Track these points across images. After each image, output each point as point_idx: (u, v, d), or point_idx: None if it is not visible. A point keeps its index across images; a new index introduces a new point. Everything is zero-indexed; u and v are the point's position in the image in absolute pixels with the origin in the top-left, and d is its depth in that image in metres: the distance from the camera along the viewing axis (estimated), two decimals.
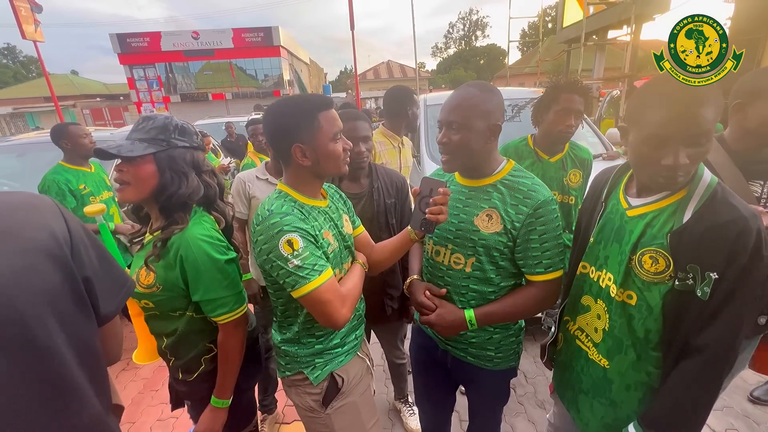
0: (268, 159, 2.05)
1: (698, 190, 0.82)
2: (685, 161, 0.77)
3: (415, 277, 1.26)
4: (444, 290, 1.16)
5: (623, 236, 0.92)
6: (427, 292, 1.16)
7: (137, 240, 1.16)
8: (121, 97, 27.19)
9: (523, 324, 1.26)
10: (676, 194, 0.85)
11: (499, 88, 1.16)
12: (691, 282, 0.79)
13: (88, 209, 1.28)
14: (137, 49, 21.46)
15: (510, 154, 1.86)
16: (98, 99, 27.89)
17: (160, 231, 1.04)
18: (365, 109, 8.28)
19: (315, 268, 0.95)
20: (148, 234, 1.12)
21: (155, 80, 22.21)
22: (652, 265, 0.85)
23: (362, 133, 1.55)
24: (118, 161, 1.01)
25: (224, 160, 4.48)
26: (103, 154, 0.98)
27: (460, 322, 1.09)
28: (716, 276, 0.76)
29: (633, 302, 0.89)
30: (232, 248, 1.13)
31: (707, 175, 0.83)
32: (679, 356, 0.84)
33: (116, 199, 2.67)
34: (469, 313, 1.08)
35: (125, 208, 2.77)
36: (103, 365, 0.69)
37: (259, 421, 2.02)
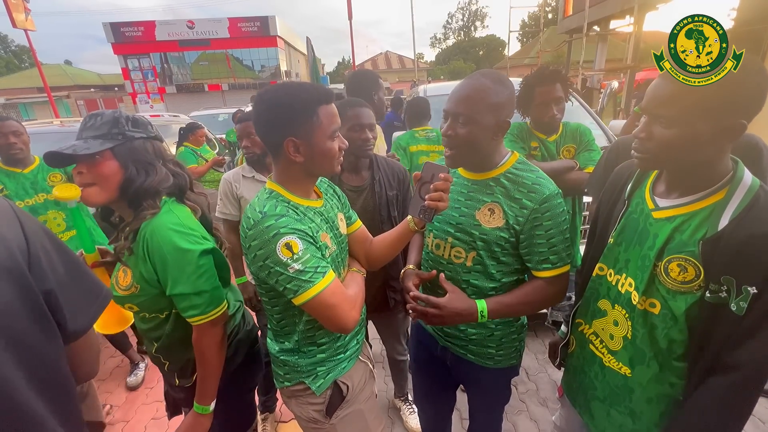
0: None
1: (737, 194, 0.75)
2: None
3: (410, 267, 1.21)
4: (434, 272, 1.09)
5: (647, 240, 0.85)
6: (416, 292, 1.08)
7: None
8: (116, 88, 26.85)
9: (525, 321, 1.22)
10: (712, 197, 0.78)
11: None
12: (724, 295, 0.73)
13: (58, 193, 1.17)
14: (131, 38, 21.13)
15: (514, 134, 1.92)
16: (92, 90, 27.55)
17: (129, 225, 0.98)
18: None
19: (318, 270, 0.88)
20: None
21: (150, 70, 21.93)
22: (679, 273, 0.79)
23: (368, 120, 1.50)
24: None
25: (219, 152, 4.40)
26: (57, 158, 0.90)
27: (469, 311, 1.01)
28: (755, 291, 0.70)
29: (656, 311, 0.83)
30: (207, 239, 1.04)
31: (747, 177, 0.76)
32: (707, 370, 0.78)
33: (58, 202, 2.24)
34: (482, 304, 1.01)
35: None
36: (72, 388, 0.62)
37: (260, 420, 2.00)
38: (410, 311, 1.06)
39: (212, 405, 1.08)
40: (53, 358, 0.58)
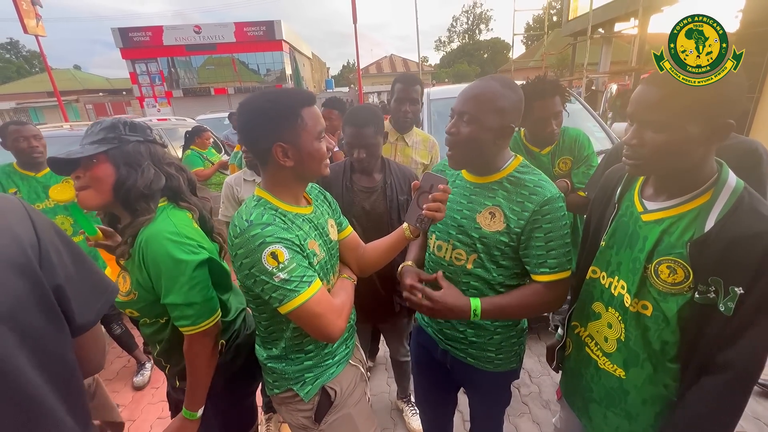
0: None
1: (722, 195, 0.76)
2: None
3: (409, 263, 1.20)
4: (434, 275, 1.08)
5: (637, 242, 0.86)
6: (418, 282, 1.07)
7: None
8: (124, 92, 27.20)
9: (526, 325, 1.22)
10: (698, 199, 0.79)
11: None
12: (712, 296, 0.74)
13: (53, 195, 1.16)
14: (139, 43, 21.41)
15: None
16: (101, 94, 27.94)
17: (128, 228, 0.98)
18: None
19: (303, 279, 0.89)
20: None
21: (157, 75, 22.18)
22: (669, 275, 0.80)
23: (361, 141, 1.48)
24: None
25: (225, 156, 4.44)
26: (57, 164, 0.93)
27: (462, 308, 1.00)
28: (742, 291, 0.71)
29: (648, 313, 0.84)
30: (204, 248, 1.03)
31: (732, 179, 0.77)
32: (699, 370, 0.79)
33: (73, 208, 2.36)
34: (475, 302, 1.00)
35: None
36: (78, 379, 0.64)
37: (264, 420, 2.02)
38: (405, 301, 1.06)
39: (200, 412, 1.08)
40: (62, 351, 0.59)
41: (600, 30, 10.96)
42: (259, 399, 1.63)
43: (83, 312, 0.62)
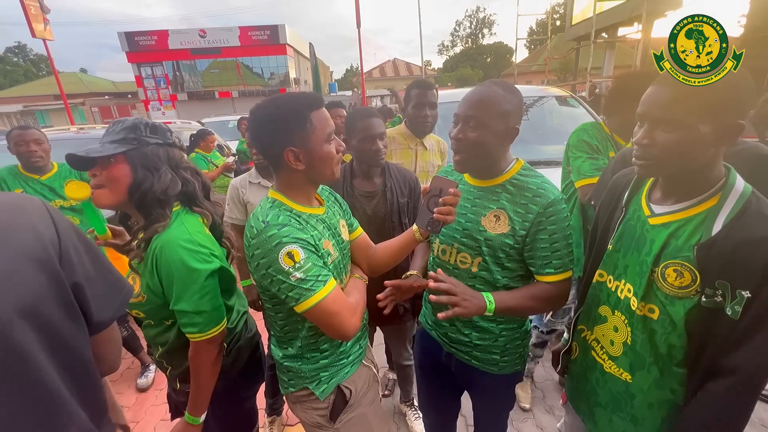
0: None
1: (730, 199, 0.76)
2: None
3: (414, 272, 1.21)
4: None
5: (644, 246, 0.87)
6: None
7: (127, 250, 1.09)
8: (129, 95, 27.46)
9: (529, 327, 1.23)
10: (705, 203, 0.80)
11: None
12: (719, 299, 0.74)
13: (69, 192, 1.15)
14: (145, 47, 21.66)
15: (591, 137, 1.75)
16: (107, 97, 28.19)
17: (141, 231, 0.99)
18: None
19: (319, 278, 0.90)
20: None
21: (163, 78, 22.42)
22: (676, 278, 0.80)
23: (378, 130, 1.50)
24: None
25: (230, 159, 4.46)
26: (76, 160, 0.94)
27: (478, 296, 0.98)
28: (749, 295, 0.71)
29: (655, 316, 0.84)
30: (216, 255, 1.04)
31: (740, 183, 0.78)
32: (705, 375, 0.78)
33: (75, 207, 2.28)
34: (488, 295, 1.00)
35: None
36: (95, 375, 0.65)
37: (267, 422, 2.02)
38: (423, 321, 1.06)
39: (203, 417, 1.08)
40: (79, 347, 0.61)
41: (603, 34, 10.96)
42: (261, 401, 1.63)
43: (100, 311, 0.64)
